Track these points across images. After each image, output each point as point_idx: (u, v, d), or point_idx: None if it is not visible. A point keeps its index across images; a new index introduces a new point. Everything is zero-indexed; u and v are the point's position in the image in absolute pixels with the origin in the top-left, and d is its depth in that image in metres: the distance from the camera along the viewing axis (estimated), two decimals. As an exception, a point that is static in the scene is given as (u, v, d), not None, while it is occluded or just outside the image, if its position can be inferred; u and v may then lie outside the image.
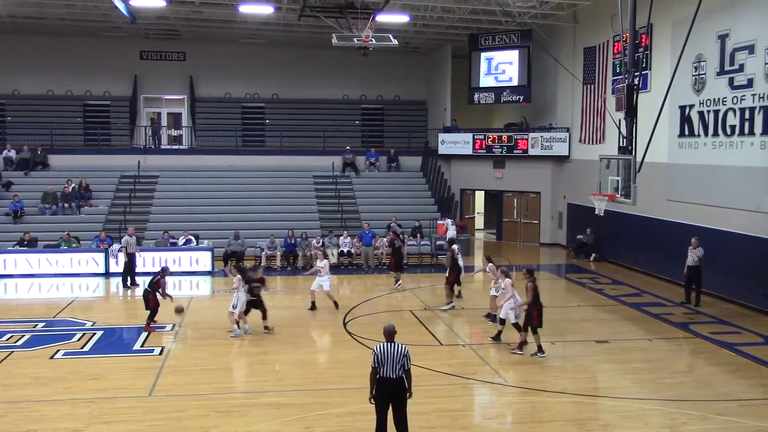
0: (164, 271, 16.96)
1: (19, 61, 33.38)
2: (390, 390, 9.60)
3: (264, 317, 16.23)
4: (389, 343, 9.74)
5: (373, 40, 22.32)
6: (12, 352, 14.67)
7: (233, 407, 11.66)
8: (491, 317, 17.01)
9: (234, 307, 15.98)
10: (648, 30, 22.28)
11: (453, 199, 30.68)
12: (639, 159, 17.19)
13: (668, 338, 16.23)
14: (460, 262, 19.95)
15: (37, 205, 27.30)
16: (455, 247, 19.91)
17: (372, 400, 9.76)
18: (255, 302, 16.20)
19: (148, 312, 16.46)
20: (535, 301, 14.40)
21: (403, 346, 9.79)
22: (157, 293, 16.47)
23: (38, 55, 33.39)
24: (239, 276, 16.10)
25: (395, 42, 23.06)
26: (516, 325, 14.99)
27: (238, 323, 16.03)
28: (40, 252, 23.77)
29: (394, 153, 32.94)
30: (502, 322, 15.38)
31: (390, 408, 9.67)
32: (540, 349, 14.44)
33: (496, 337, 15.46)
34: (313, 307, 18.40)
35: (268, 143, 34.54)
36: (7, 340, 15.61)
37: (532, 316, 14.41)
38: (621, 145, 17.88)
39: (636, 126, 17.39)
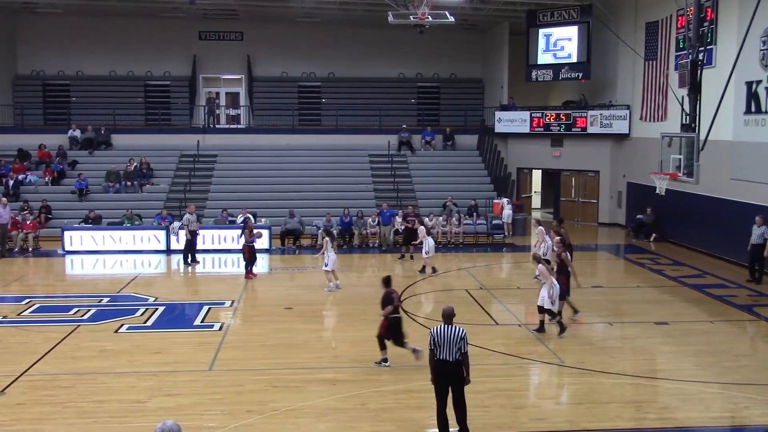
0: (247, 222, 21.38)
1: (84, 43, 34.14)
2: (447, 373, 9.48)
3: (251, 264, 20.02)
4: (446, 325, 9.60)
5: (429, 17, 22.04)
6: (79, 325, 15.16)
7: (290, 382, 11.84)
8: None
9: (326, 265, 18.08)
10: (713, 3, 21.62)
11: (510, 178, 30.39)
12: (702, 137, 16.79)
13: (731, 320, 15.85)
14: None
15: (101, 184, 28.09)
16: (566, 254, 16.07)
17: (433, 381, 9.68)
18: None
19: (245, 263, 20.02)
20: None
21: (461, 328, 9.61)
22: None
23: (101, 36, 34.05)
24: (327, 238, 18.23)
25: (452, 19, 22.74)
26: (542, 309, 14.46)
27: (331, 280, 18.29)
28: (105, 229, 24.48)
29: (450, 131, 32.75)
30: (541, 310, 14.61)
31: (450, 390, 9.56)
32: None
33: (540, 329, 14.64)
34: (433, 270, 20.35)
35: (324, 122, 34.74)
36: (74, 314, 16.15)
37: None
38: (684, 122, 17.48)
39: (700, 103, 16.95)
